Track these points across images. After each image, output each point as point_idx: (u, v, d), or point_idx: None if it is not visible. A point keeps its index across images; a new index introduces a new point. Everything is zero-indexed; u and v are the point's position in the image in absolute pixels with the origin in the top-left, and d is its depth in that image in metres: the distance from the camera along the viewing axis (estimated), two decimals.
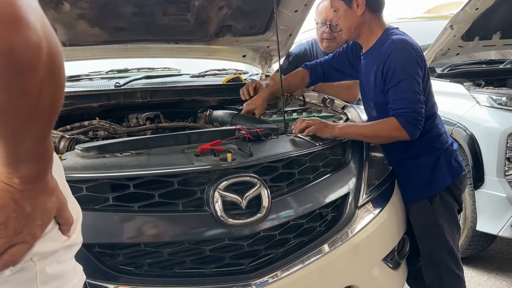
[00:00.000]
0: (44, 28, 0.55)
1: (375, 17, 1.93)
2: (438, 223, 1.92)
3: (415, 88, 1.78)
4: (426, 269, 2.00)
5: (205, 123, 2.31)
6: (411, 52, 1.82)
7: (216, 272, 1.44)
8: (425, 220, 1.95)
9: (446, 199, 1.93)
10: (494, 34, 3.51)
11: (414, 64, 1.81)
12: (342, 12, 1.92)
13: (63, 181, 0.81)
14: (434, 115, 1.95)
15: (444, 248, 1.94)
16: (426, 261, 1.99)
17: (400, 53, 1.81)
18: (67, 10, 2.02)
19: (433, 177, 1.91)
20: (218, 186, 1.42)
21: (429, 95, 1.92)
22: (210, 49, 2.68)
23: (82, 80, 2.54)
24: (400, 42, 1.83)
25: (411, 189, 1.97)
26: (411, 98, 1.78)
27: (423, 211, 1.94)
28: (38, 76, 0.55)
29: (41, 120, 0.61)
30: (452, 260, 1.95)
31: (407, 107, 1.77)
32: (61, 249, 0.75)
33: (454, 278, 1.96)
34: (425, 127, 1.84)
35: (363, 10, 1.88)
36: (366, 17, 1.90)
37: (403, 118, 1.77)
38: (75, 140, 1.72)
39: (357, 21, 1.91)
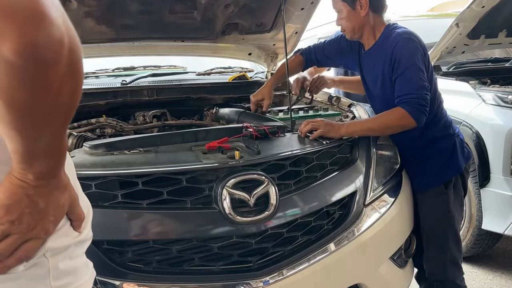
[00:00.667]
0: (66, 24, 0.56)
1: (377, 17, 1.97)
2: (450, 209, 1.98)
3: (419, 76, 1.82)
4: (431, 257, 2.02)
5: (211, 121, 2.32)
6: (415, 42, 1.87)
7: (224, 270, 1.44)
8: (439, 207, 1.98)
9: (457, 185, 2.01)
10: (500, 32, 3.49)
11: (418, 54, 1.86)
12: (346, 13, 1.95)
13: (74, 177, 0.81)
14: (441, 104, 2.03)
15: (453, 237, 1.99)
16: (433, 249, 2.01)
17: (405, 43, 1.86)
18: (75, 7, 2.02)
19: (451, 161, 1.98)
20: (226, 184, 1.42)
21: (434, 84, 1.97)
22: (216, 47, 2.68)
23: (89, 78, 2.55)
24: (405, 33, 1.89)
25: (427, 176, 2.00)
26: (415, 85, 1.81)
27: (438, 197, 1.98)
28: (60, 71, 0.56)
29: (59, 116, 0.61)
30: (457, 250, 2.01)
31: (412, 93, 1.80)
32: (73, 244, 0.76)
33: (457, 268, 2.01)
34: (438, 114, 1.97)
35: (366, 11, 1.92)
36: (369, 17, 1.94)
37: (408, 105, 1.79)
38: (83, 138, 1.73)
39: (360, 21, 1.95)
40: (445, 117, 2.03)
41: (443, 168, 1.98)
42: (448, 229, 1.98)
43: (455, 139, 2.01)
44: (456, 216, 2.00)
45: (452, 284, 2.00)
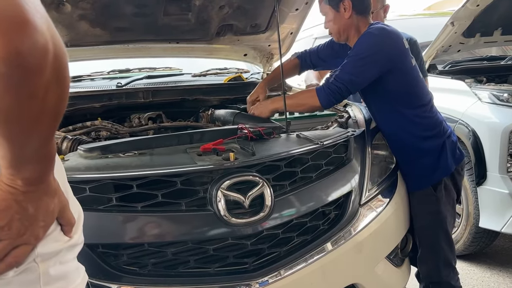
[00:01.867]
0: (50, 30, 0.56)
1: (362, 18, 1.98)
2: (440, 211, 1.96)
3: (356, 64, 1.86)
4: (424, 259, 2.02)
5: (207, 123, 2.31)
6: (374, 37, 1.88)
7: (220, 272, 1.44)
8: (429, 208, 1.97)
9: (448, 186, 1.99)
10: (495, 30, 3.50)
11: (371, 47, 1.87)
12: (331, 16, 1.99)
13: (65, 181, 0.81)
14: (430, 102, 2.01)
15: (445, 239, 1.98)
16: (426, 251, 2.00)
17: (364, 36, 1.90)
18: (69, 10, 2.02)
19: (439, 162, 1.96)
20: (221, 186, 1.42)
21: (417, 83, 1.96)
22: (211, 48, 2.68)
23: (84, 80, 2.55)
24: (372, 28, 1.92)
25: (416, 177, 2.00)
26: (339, 72, 1.87)
27: (427, 198, 1.97)
28: (45, 78, 0.56)
29: (46, 122, 0.61)
30: (450, 251, 1.99)
31: (332, 77, 1.88)
32: (63, 249, 0.76)
33: (451, 269, 2.00)
34: (423, 114, 1.95)
35: (350, 13, 1.94)
36: (353, 19, 1.96)
37: (322, 87, 1.90)
38: (78, 141, 1.72)
39: (345, 23, 1.97)
40: (432, 117, 1.99)
41: (431, 170, 1.96)
42: (440, 231, 1.97)
43: (444, 140, 1.97)
44: (448, 217, 1.98)
45: (447, 285, 1.99)
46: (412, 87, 1.94)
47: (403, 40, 1.93)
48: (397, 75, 1.89)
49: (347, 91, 1.88)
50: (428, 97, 2.00)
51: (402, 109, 1.93)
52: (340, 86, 1.85)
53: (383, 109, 1.99)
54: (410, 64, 1.93)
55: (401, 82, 1.91)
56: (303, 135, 1.81)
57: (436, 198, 1.96)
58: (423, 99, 1.97)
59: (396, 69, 1.88)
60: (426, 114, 1.96)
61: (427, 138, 1.96)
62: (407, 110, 1.93)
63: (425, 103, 1.97)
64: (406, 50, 1.93)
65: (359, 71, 1.85)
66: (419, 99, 1.95)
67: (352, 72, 1.85)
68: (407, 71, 1.92)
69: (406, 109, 1.93)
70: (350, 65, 1.87)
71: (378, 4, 2.64)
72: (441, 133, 1.98)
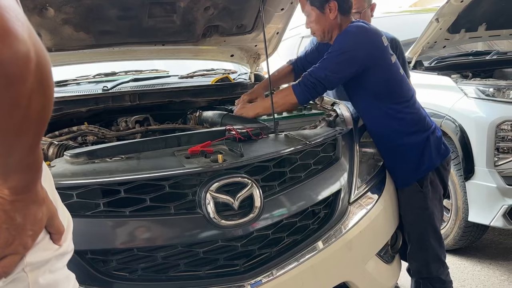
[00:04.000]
0: (32, 38, 0.55)
1: (345, 18, 1.99)
2: (428, 207, 1.97)
3: (332, 61, 1.87)
4: (414, 255, 2.03)
5: (195, 124, 2.30)
6: (353, 35, 1.90)
7: (211, 274, 1.44)
8: (416, 204, 1.98)
9: (434, 182, 1.99)
10: (479, 26, 3.54)
11: (348, 45, 1.88)
12: (315, 17, 1.99)
13: (53, 189, 0.80)
14: (413, 98, 2.01)
15: (433, 234, 1.99)
16: (415, 247, 2.02)
17: (343, 34, 1.92)
18: (52, 15, 1.99)
19: (423, 158, 1.96)
20: (210, 188, 1.41)
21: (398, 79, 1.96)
22: (197, 49, 2.67)
23: (70, 85, 2.52)
24: (350, 26, 1.93)
25: (401, 174, 2.01)
26: (316, 68, 1.89)
27: (414, 195, 1.98)
28: (28, 86, 0.55)
29: (31, 130, 0.60)
30: (439, 246, 2.01)
31: (308, 73, 1.90)
32: (53, 258, 0.75)
33: (440, 264, 2.02)
34: (406, 110, 1.95)
35: (335, 14, 1.94)
36: (337, 19, 1.97)
37: (297, 84, 1.92)
38: (64, 146, 1.71)
39: (329, 24, 1.98)
40: (414, 113, 1.98)
41: (416, 165, 1.97)
42: (428, 226, 1.98)
43: (428, 135, 1.97)
44: (436, 213, 2.00)
45: (437, 280, 2.01)
46: (393, 83, 1.95)
47: (381, 37, 1.93)
48: (376, 72, 1.90)
49: (322, 87, 1.90)
50: (411, 93, 2.01)
51: (383, 105, 1.94)
52: (314, 82, 1.88)
53: (365, 106, 2.00)
54: (390, 61, 1.94)
55: (382, 79, 1.92)
56: (291, 135, 1.81)
57: (423, 194, 1.97)
58: (405, 95, 1.98)
59: (375, 66, 1.89)
60: (408, 110, 1.96)
61: (410, 133, 1.96)
62: (389, 106, 1.94)
63: (407, 99, 1.97)
64: (385, 47, 1.93)
65: (336, 68, 1.87)
66: (401, 95, 1.96)
67: (328, 69, 1.87)
68: (387, 68, 1.93)
69: (388, 105, 1.94)
70: (327, 62, 1.89)
71: (365, 3, 2.66)
72: (424, 128, 1.98)
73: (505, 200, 2.70)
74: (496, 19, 3.52)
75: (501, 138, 2.70)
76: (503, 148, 2.70)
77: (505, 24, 3.63)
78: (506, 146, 2.70)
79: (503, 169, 2.70)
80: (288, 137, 1.80)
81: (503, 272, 2.89)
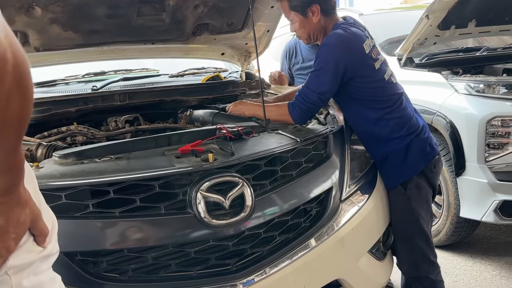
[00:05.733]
0: (9, 39, 0.54)
1: (329, 18, 1.97)
2: (412, 209, 1.94)
3: (320, 80, 1.86)
4: (401, 255, 2.02)
5: (186, 124, 2.29)
6: (332, 48, 1.86)
7: (202, 274, 1.43)
8: (400, 206, 1.96)
9: (420, 184, 1.95)
10: (469, 22, 3.54)
11: (331, 58, 1.84)
12: (298, 21, 1.98)
13: (37, 190, 0.79)
14: (398, 101, 1.94)
15: (420, 235, 1.97)
16: (401, 248, 2.01)
17: (323, 48, 1.88)
18: (39, 14, 1.97)
19: (406, 163, 1.93)
20: (200, 187, 1.40)
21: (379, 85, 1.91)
22: (188, 48, 2.65)
23: (58, 85, 2.50)
24: (329, 37, 1.89)
25: (385, 176, 1.99)
26: (309, 94, 1.86)
27: (398, 197, 1.96)
28: (5, 88, 0.54)
29: (10, 132, 0.59)
30: (428, 247, 1.98)
31: (301, 96, 1.89)
32: (37, 260, 0.74)
33: (430, 264, 1.99)
34: (388, 116, 1.90)
35: (319, 17, 1.93)
36: (322, 22, 1.96)
37: (292, 105, 1.91)
38: (53, 147, 1.69)
39: (314, 27, 1.97)
40: (396, 118, 1.92)
41: (398, 169, 1.94)
42: (414, 228, 1.95)
43: (411, 139, 1.92)
44: (422, 214, 1.95)
45: (426, 279, 1.99)
46: (375, 91, 1.90)
47: (363, 43, 1.87)
48: (359, 81, 1.87)
49: (318, 108, 1.93)
50: (396, 96, 1.94)
51: (365, 112, 1.91)
52: (311, 107, 1.87)
53: (349, 112, 1.99)
54: (372, 68, 1.88)
55: (364, 87, 1.88)
56: (282, 133, 1.81)
57: (407, 196, 1.93)
58: (389, 100, 1.92)
59: (356, 76, 1.86)
60: (390, 115, 1.91)
61: (393, 139, 1.92)
62: (371, 113, 1.91)
63: (390, 104, 1.92)
64: (366, 54, 1.87)
65: (324, 88, 1.85)
66: (384, 101, 1.91)
67: (318, 91, 1.85)
68: (368, 76, 1.88)
69: (370, 112, 1.90)
70: (315, 82, 1.87)
71: None
72: (408, 132, 1.93)
73: (496, 195, 2.71)
74: (486, 16, 3.53)
75: (492, 134, 2.72)
76: (494, 144, 2.72)
77: (495, 20, 3.64)
78: (497, 141, 2.71)
79: (494, 164, 2.72)
80: (279, 136, 1.79)
81: (495, 267, 2.91)
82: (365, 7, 7.43)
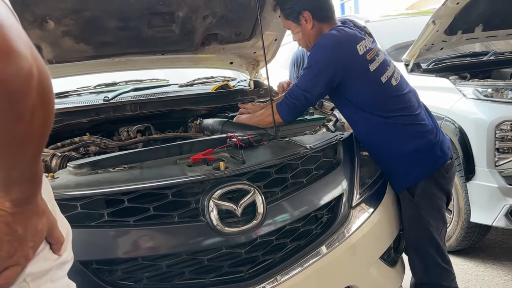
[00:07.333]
0: (34, 55, 0.57)
1: (325, 24, 1.97)
2: (421, 217, 1.91)
3: (306, 78, 1.88)
4: (412, 261, 2.01)
5: (196, 132, 2.32)
6: (323, 49, 1.86)
7: (216, 281, 1.45)
8: (408, 212, 1.94)
9: (429, 191, 1.91)
10: (476, 27, 3.55)
11: (320, 58, 1.86)
12: (294, 29, 2.01)
13: (52, 200, 0.82)
14: (397, 105, 1.89)
15: (429, 242, 1.93)
16: (412, 253, 1.99)
17: (314, 47, 1.91)
18: (52, 28, 2.01)
19: (411, 167, 1.89)
20: (213, 195, 1.42)
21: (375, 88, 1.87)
22: (197, 58, 2.69)
23: (71, 96, 2.54)
24: (321, 37, 1.90)
25: (391, 180, 1.98)
26: (294, 86, 1.91)
27: (406, 203, 1.94)
28: (30, 102, 0.57)
29: (32, 144, 0.62)
30: (437, 254, 1.94)
31: (288, 93, 1.92)
32: (53, 267, 0.77)
33: (441, 270, 1.96)
34: (391, 120, 1.86)
35: (312, 23, 1.95)
36: (316, 28, 1.97)
37: (279, 103, 1.93)
38: (67, 158, 1.72)
39: (309, 34, 1.98)
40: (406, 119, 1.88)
41: (406, 173, 1.90)
42: (422, 234, 1.92)
43: (421, 143, 1.87)
44: (432, 222, 1.91)
45: (437, 286, 1.96)
46: (372, 93, 1.86)
47: (357, 45, 1.84)
48: (353, 83, 1.84)
49: (303, 105, 1.93)
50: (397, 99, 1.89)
51: (367, 115, 1.87)
52: (295, 103, 1.90)
53: (349, 115, 1.96)
54: (366, 71, 1.84)
55: (359, 90, 1.86)
56: (292, 141, 1.82)
57: (414, 203, 1.90)
58: (392, 103, 1.88)
59: (349, 77, 1.83)
60: (393, 120, 1.87)
61: (397, 144, 1.88)
62: (373, 117, 1.86)
63: (396, 107, 1.88)
64: (359, 56, 1.83)
65: (310, 86, 1.86)
66: (387, 104, 1.87)
67: (304, 88, 1.87)
68: (363, 78, 1.85)
69: (372, 115, 1.86)
70: (303, 80, 1.89)
71: None
72: (415, 135, 1.88)
73: (507, 200, 2.70)
74: (493, 20, 3.53)
75: (501, 138, 2.71)
76: (503, 148, 2.71)
77: (502, 25, 3.64)
78: (506, 146, 2.70)
79: (504, 169, 2.71)
80: (289, 143, 1.81)
81: (507, 272, 2.89)
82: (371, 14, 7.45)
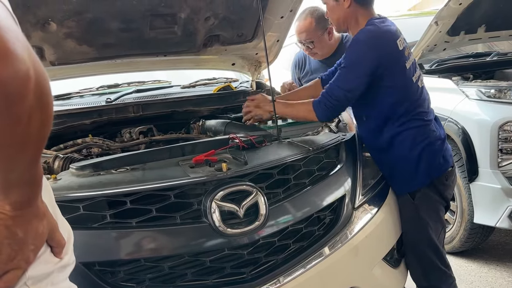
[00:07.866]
0: (31, 57, 0.57)
1: (362, 9, 1.91)
2: (420, 218, 1.89)
3: (348, 77, 1.83)
4: (411, 264, 1.99)
5: (198, 134, 2.32)
6: (362, 45, 1.82)
7: (218, 283, 1.44)
8: (407, 215, 1.93)
9: (429, 195, 1.90)
10: (479, 27, 3.54)
11: (361, 55, 1.81)
12: (330, 5, 1.96)
13: (53, 202, 0.82)
14: (414, 109, 1.88)
15: (428, 244, 1.91)
16: (410, 256, 1.98)
17: (353, 42, 1.86)
18: (54, 29, 2.02)
19: (416, 172, 1.88)
20: (215, 197, 1.42)
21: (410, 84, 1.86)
22: (199, 59, 2.69)
23: (73, 98, 2.54)
24: (360, 33, 1.85)
25: (393, 183, 1.97)
26: (332, 84, 1.85)
27: (405, 205, 1.93)
28: (27, 104, 0.56)
29: (31, 146, 0.62)
30: (436, 256, 1.92)
31: (327, 92, 1.85)
32: (55, 270, 0.76)
33: (440, 273, 1.94)
34: (404, 122, 1.85)
35: (349, 2, 1.89)
36: (352, 9, 1.90)
37: (317, 101, 1.88)
38: (69, 159, 1.72)
39: (344, 14, 1.93)
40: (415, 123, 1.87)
41: (409, 178, 1.90)
42: (421, 237, 1.91)
43: (424, 149, 1.86)
44: (431, 224, 1.90)
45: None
46: (403, 91, 1.85)
47: (397, 40, 1.83)
48: (386, 80, 1.81)
49: (344, 106, 1.87)
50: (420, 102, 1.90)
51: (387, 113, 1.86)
52: (336, 104, 1.83)
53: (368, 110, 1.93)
54: (403, 68, 1.83)
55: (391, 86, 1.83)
56: (294, 142, 1.82)
57: (415, 205, 1.89)
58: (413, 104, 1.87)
59: (386, 73, 1.80)
60: (405, 125, 1.86)
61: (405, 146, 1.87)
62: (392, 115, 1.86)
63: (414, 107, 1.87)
64: (399, 51, 1.82)
65: (351, 85, 1.81)
66: (414, 106, 1.87)
67: (345, 88, 1.81)
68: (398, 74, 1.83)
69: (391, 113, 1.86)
70: (342, 79, 1.83)
71: (318, 32, 2.69)
72: (418, 142, 1.87)
73: (510, 201, 2.69)
74: (495, 20, 3.53)
75: (504, 139, 2.70)
76: (507, 149, 2.70)
77: (504, 25, 3.63)
78: (509, 147, 2.69)
79: (507, 170, 2.70)
80: (291, 144, 1.81)
81: (511, 273, 2.87)
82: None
